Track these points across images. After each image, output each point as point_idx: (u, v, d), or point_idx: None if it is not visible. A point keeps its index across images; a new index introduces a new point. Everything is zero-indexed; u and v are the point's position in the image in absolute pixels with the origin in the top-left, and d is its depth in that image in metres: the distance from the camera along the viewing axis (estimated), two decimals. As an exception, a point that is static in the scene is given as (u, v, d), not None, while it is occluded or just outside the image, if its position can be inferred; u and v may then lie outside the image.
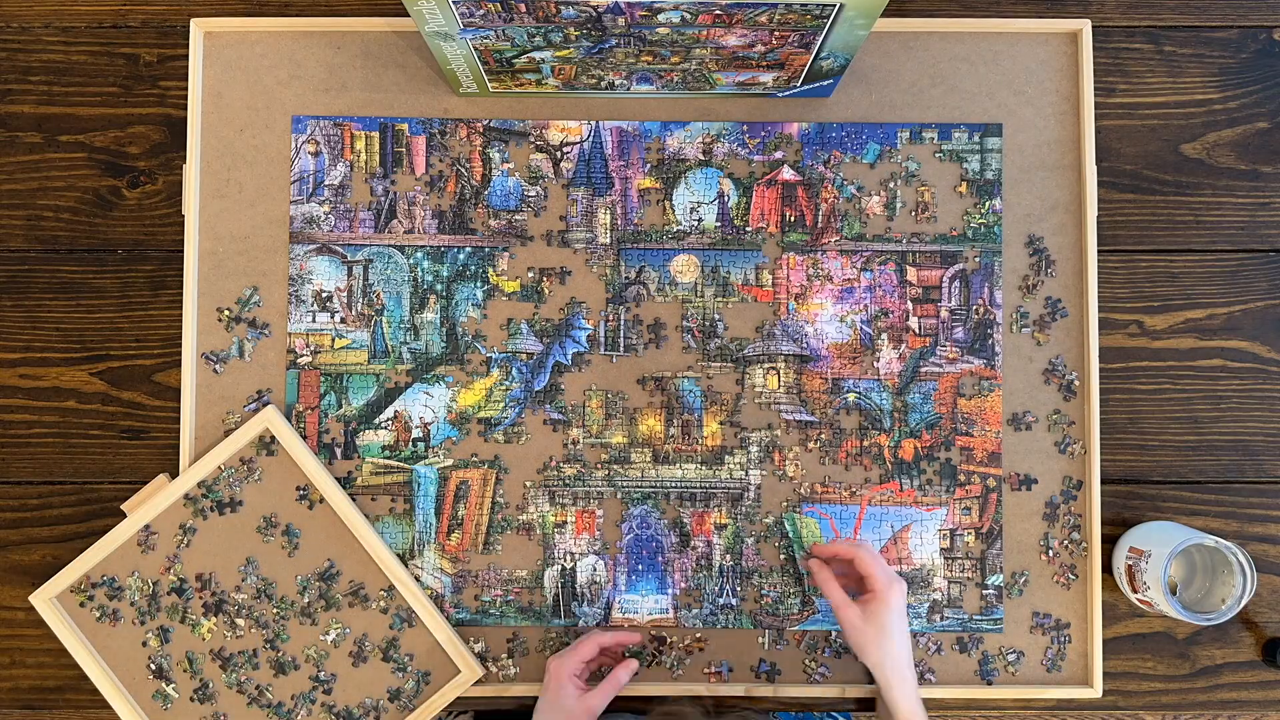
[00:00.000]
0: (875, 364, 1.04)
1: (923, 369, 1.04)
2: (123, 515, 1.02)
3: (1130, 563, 0.99)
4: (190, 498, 1.01)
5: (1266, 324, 1.06)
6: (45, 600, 1.01)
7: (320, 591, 1.01)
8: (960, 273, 1.05)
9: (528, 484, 1.04)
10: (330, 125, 1.05)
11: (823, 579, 0.95)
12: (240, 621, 1.01)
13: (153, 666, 1.01)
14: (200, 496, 1.01)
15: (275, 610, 1.01)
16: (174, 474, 1.03)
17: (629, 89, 1.03)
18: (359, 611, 1.01)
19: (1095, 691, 1.02)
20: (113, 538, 1.01)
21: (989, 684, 1.03)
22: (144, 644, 1.01)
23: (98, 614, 1.01)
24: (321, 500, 1.01)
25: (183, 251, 1.04)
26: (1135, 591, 1.00)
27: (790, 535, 1.03)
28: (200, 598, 1.01)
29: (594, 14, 0.85)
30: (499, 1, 0.84)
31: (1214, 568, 1.01)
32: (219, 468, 1.01)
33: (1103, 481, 1.04)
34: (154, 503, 1.01)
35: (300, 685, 1.01)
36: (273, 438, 1.02)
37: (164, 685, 1.01)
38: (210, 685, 1.01)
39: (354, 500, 1.03)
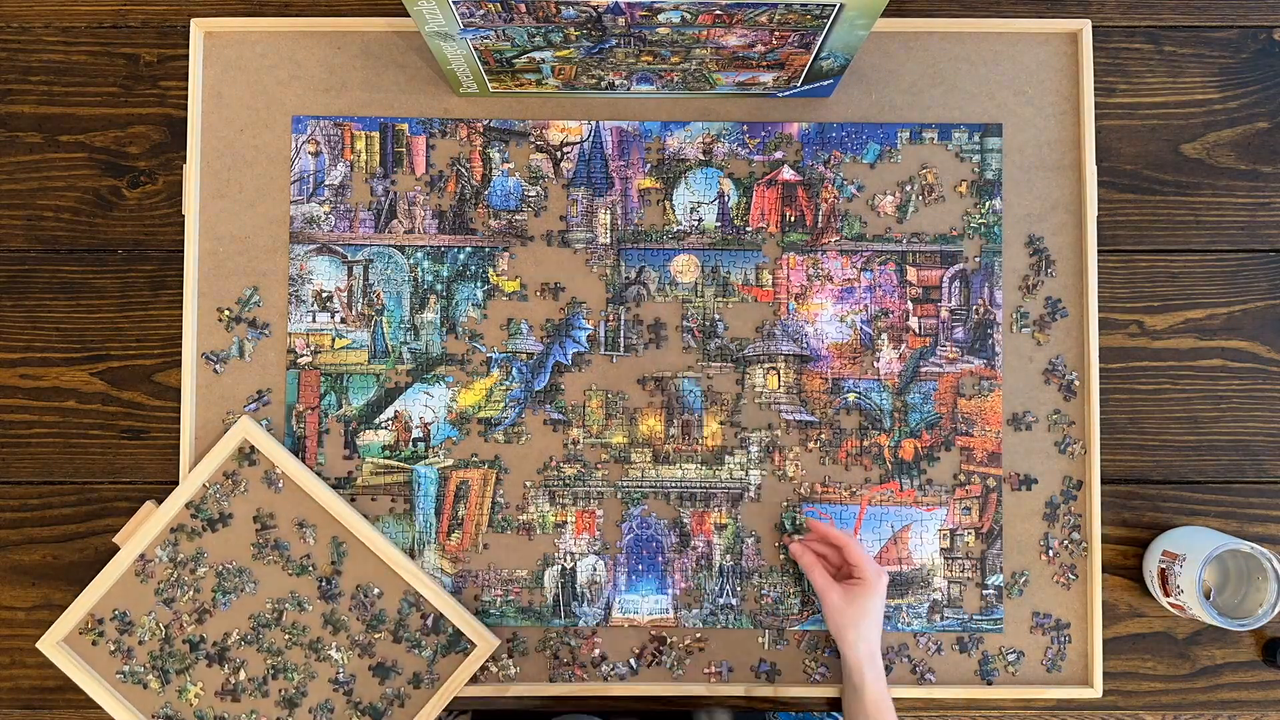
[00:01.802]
0: (875, 364, 1.04)
1: (923, 369, 1.04)
2: (114, 548, 1.01)
3: (1163, 566, 0.99)
4: (180, 522, 1.01)
5: (1266, 324, 1.06)
6: (52, 645, 0.99)
7: (327, 617, 1.00)
8: (960, 273, 1.05)
9: (528, 484, 1.04)
10: (330, 125, 1.05)
11: (808, 562, 0.99)
12: (242, 674, 1.00)
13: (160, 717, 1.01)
14: (190, 517, 1.01)
15: (286, 636, 1.00)
16: (175, 476, 1.03)
17: (629, 89, 1.03)
18: (364, 613, 1.01)
19: (1095, 691, 1.02)
20: (109, 573, 1.00)
21: (989, 684, 1.03)
22: (147, 687, 1.00)
23: (112, 648, 1.00)
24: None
25: (183, 251, 1.04)
26: (1168, 595, 0.99)
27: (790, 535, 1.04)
28: (203, 648, 1.00)
29: (594, 14, 0.85)
30: (499, 1, 0.84)
31: (1248, 573, 1.00)
32: (204, 485, 1.01)
33: (1103, 481, 1.04)
34: (144, 531, 1.00)
35: (322, 693, 1.00)
36: (252, 448, 1.01)
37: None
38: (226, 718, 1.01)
39: (352, 502, 1.03)
